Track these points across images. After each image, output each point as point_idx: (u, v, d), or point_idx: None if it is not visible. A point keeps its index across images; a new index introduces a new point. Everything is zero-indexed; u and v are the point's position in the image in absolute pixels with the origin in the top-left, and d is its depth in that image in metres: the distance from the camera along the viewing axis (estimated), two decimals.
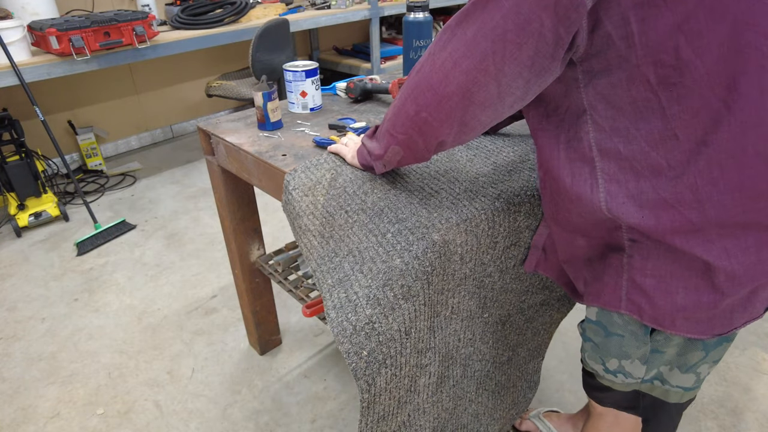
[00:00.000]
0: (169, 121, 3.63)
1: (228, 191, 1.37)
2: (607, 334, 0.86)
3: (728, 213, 0.66)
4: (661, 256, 0.71)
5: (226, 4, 2.91)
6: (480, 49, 0.65)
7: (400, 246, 0.85)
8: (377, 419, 0.88)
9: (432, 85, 0.71)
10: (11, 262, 2.27)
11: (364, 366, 0.79)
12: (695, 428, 1.44)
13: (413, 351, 0.88)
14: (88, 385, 1.63)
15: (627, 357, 0.85)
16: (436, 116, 0.74)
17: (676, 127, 0.63)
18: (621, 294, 0.78)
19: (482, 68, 0.66)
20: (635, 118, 0.65)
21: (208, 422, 1.50)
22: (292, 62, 1.34)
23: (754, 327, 1.79)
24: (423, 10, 1.43)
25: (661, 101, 0.63)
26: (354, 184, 0.98)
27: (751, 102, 0.61)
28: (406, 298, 0.83)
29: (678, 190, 0.66)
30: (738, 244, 0.68)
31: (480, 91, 0.68)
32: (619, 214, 0.71)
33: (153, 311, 1.95)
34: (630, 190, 0.69)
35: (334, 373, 1.65)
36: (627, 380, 0.88)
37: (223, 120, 1.34)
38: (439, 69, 0.70)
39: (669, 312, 0.74)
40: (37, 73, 2.25)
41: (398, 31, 4.34)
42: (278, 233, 2.44)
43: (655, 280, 0.73)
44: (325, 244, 0.91)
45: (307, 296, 1.34)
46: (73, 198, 2.84)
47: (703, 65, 0.59)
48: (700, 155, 0.64)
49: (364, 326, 0.78)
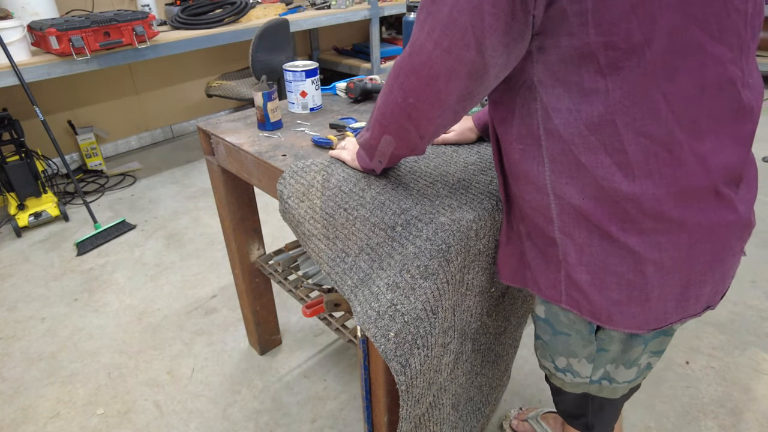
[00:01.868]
0: (169, 121, 3.63)
1: (228, 191, 1.37)
2: (555, 332, 0.87)
3: (662, 207, 0.67)
4: (595, 247, 0.72)
5: (226, 4, 2.91)
6: (459, 25, 0.63)
7: (411, 235, 0.87)
8: (413, 402, 0.89)
9: (415, 69, 0.69)
10: (11, 262, 2.27)
11: (393, 347, 0.79)
12: (695, 428, 1.44)
13: (440, 330, 0.89)
14: (88, 385, 1.63)
15: (574, 356, 0.86)
16: (425, 99, 0.71)
17: (615, 113, 0.64)
18: (561, 289, 0.79)
19: (464, 44, 0.64)
20: (579, 100, 0.65)
21: (208, 422, 1.50)
22: (292, 62, 1.34)
23: (754, 327, 1.79)
24: None
25: (606, 84, 0.63)
26: (348, 182, 0.98)
27: (690, 99, 0.63)
28: (425, 277, 0.83)
29: (616, 179, 0.67)
30: (671, 240, 0.69)
31: (465, 67, 0.66)
32: (562, 194, 0.71)
33: (153, 311, 1.95)
34: (572, 172, 0.69)
35: (334, 373, 1.65)
36: (575, 380, 0.90)
37: (223, 120, 1.34)
38: (420, 51, 0.68)
39: (605, 307, 0.75)
40: (37, 73, 2.25)
41: (398, 31, 4.34)
42: (278, 233, 2.44)
43: (590, 275, 0.74)
44: (333, 245, 0.91)
45: (307, 296, 1.34)
46: (73, 198, 2.84)
47: (651, 53, 0.60)
48: (638, 145, 0.65)
49: (387, 309, 0.79)
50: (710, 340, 1.74)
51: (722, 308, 1.88)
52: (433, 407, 1.00)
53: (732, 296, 1.94)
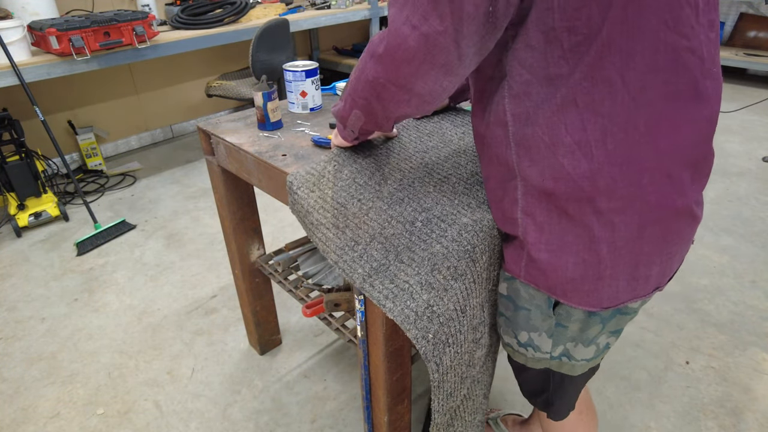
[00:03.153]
0: (169, 121, 3.63)
1: (228, 191, 1.37)
2: (516, 308, 0.91)
3: (616, 185, 0.71)
4: (554, 226, 0.76)
5: (226, 4, 2.91)
6: (439, 10, 0.63)
7: (435, 234, 0.89)
8: (446, 396, 0.93)
9: (389, 50, 0.69)
10: (11, 262, 2.27)
11: (432, 348, 0.83)
12: (695, 428, 1.44)
13: (469, 328, 0.92)
14: (88, 385, 1.63)
15: (535, 329, 0.90)
16: (395, 82, 0.71)
17: (576, 94, 0.67)
18: (521, 265, 0.84)
19: (442, 30, 0.64)
20: (544, 83, 0.69)
21: (208, 422, 1.50)
22: (292, 62, 1.34)
23: (754, 327, 1.79)
24: None
25: (569, 67, 0.66)
26: (363, 174, 1.00)
27: (645, 81, 0.66)
28: (455, 278, 0.87)
29: (575, 158, 0.70)
30: (624, 220, 0.73)
31: (440, 54, 0.66)
32: (526, 176, 0.76)
33: (153, 311, 1.95)
34: (533, 155, 0.73)
35: (334, 373, 1.65)
36: (536, 354, 0.93)
37: (223, 120, 1.34)
38: (396, 33, 0.67)
39: (560, 284, 0.80)
40: (37, 73, 2.25)
41: None
42: (278, 233, 2.44)
43: (549, 254, 0.78)
44: (341, 234, 0.91)
45: (307, 296, 1.34)
46: (73, 198, 2.84)
47: (608, 36, 0.64)
48: (596, 125, 0.68)
49: (425, 311, 0.82)
50: (710, 340, 1.74)
51: (722, 308, 1.88)
52: (467, 399, 1.04)
53: (732, 296, 1.94)
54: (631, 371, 1.63)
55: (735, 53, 4.42)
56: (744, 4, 4.58)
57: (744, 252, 2.20)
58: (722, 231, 2.36)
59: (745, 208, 2.55)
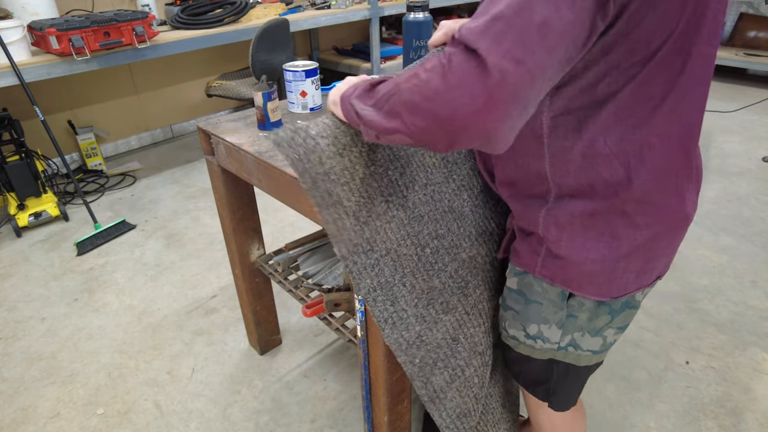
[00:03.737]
0: (169, 121, 3.63)
1: (228, 191, 1.37)
2: (527, 302, 0.92)
3: (650, 192, 0.74)
4: (577, 225, 0.78)
5: (226, 4, 2.91)
6: (548, 42, 0.56)
7: (437, 266, 0.95)
8: (456, 416, 1.01)
9: (483, 88, 0.57)
10: (11, 262, 2.27)
11: (417, 370, 0.95)
12: (695, 428, 1.44)
13: (472, 354, 1.01)
14: (88, 385, 1.63)
15: (546, 322, 0.91)
16: (480, 121, 0.59)
17: (620, 109, 0.69)
18: (537, 260, 0.86)
19: (548, 63, 0.57)
20: (590, 100, 0.69)
21: (208, 422, 1.50)
22: (292, 62, 1.34)
23: (754, 327, 1.79)
24: (423, 10, 1.43)
25: (620, 84, 0.67)
26: (394, 167, 0.89)
27: (684, 94, 0.69)
28: (446, 312, 0.96)
29: (613, 167, 0.72)
30: (647, 222, 0.76)
31: (541, 91, 0.60)
32: (561, 183, 0.77)
33: (153, 311, 1.95)
34: (569, 166, 0.75)
35: (334, 373, 1.65)
36: (545, 345, 0.94)
37: (223, 120, 1.34)
38: (495, 68, 0.56)
39: (577, 277, 0.82)
40: (37, 73, 2.25)
41: (398, 31, 4.34)
42: (278, 233, 2.44)
43: (569, 251, 0.80)
44: (360, 230, 0.83)
45: (307, 296, 1.34)
46: (73, 198, 2.84)
47: (664, 54, 0.65)
48: (635, 136, 0.70)
49: (415, 340, 0.93)
50: (710, 340, 1.74)
51: (722, 308, 1.88)
52: (485, 414, 1.12)
53: (732, 296, 1.94)
54: (631, 371, 1.63)
55: (735, 53, 4.42)
56: (744, 4, 4.58)
57: (744, 252, 2.20)
58: (722, 231, 2.36)
59: (745, 208, 2.55)
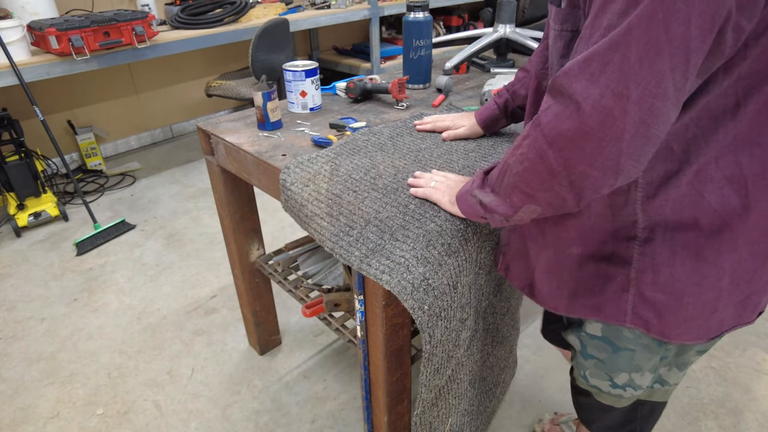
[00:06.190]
0: (168, 121, 3.63)
1: (228, 191, 1.37)
2: (615, 350, 0.82)
3: (764, 219, 0.64)
4: (677, 267, 0.68)
5: (226, 4, 2.91)
6: (655, 69, 0.52)
7: (428, 214, 0.91)
8: (433, 372, 0.95)
9: (587, 131, 0.56)
10: (11, 262, 2.27)
11: (427, 319, 0.85)
12: (695, 428, 1.44)
13: (458, 306, 0.93)
14: (88, 385, 1.63)
15: (638, 370, 0.82)
16: (599, 166, 0.58)
17: (738, 128, 0.62)
18: (627, 308, 0.74)
19: (660, 92, 0.53)
20: (703, 119, 0.62)
21: (208, 422, 1.49)
22: (291, 62, 1.34)
23: (755, 327, 1.79)
24: (423, 10, 1.43)
25: (739, 97, 0.60)
26: (358, 171, 1.04)
27: None
28: (449, 254, 0.89)
29: (724, 194, 0.63)
30: (753, 251, 0.66)
31: (658, 121, 0.55)
32: (654, 214, 0.68)
33: (152, 311, 1.95)
34: (669, 193, 0.66)
35: (334, 373, 1.65)
36: (635, 392, 0.86)
37: (223, 120, 1.34)
38: (596, 108, 0.55)
39: (676, 325, 0.72)
40: (36, 72, 2.25)
41: (398, 31, 4.34)
42: (278, 233, 2.44)
43: (666, 295, 0.70)
44: (336, 221, 0.93)
45: (306, 296, 1.34)
46: (73, 198, 2.84)
47: None
48: (754, 158, 0.62)
49: (421, 283, 0.84)
50: None
51: None
52: (452, 380, 1.05)
53: None
54: None
55: None
56: None
57: None
58: None
59: None
